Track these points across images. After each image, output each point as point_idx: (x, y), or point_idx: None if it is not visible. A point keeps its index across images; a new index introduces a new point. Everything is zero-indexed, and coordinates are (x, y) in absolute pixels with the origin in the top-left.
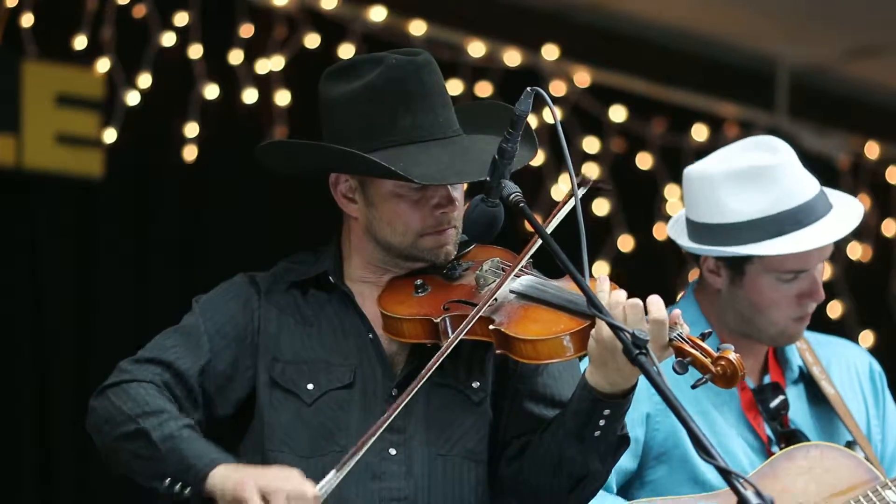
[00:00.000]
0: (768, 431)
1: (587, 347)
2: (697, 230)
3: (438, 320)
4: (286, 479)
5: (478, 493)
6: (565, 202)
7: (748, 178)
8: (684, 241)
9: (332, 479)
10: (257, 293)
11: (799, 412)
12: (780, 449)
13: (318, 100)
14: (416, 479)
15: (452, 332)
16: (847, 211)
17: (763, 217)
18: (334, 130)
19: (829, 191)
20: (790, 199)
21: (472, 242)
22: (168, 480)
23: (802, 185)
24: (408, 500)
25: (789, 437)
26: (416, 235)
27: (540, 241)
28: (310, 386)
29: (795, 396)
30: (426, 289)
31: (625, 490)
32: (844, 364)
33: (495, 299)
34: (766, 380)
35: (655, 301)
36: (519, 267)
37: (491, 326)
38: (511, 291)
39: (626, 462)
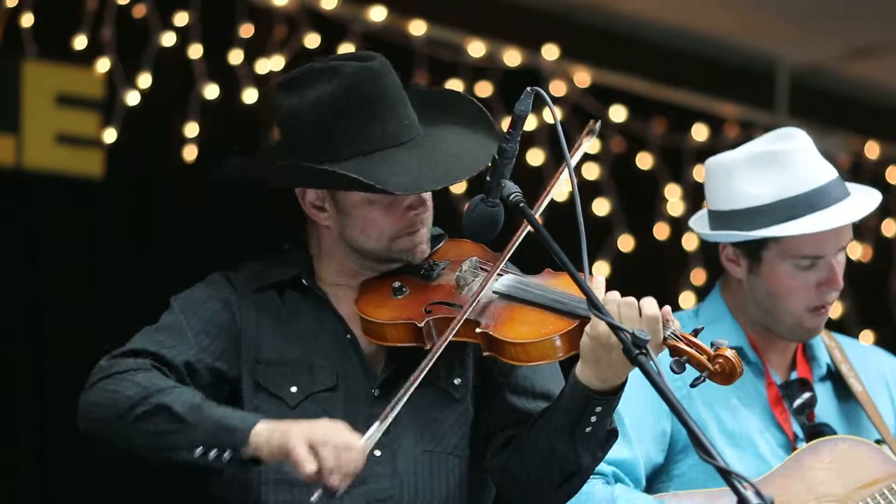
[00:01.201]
0: (795, 427)
1: (578, 346)
2: (716, 219)
3: (422, 324)
4: (332, 430)
5: (462, 489)
6: (552, 187)
7: (762, 163)
8: (704, 230)
9: (376, 430)
10: (234, 293)
11: (827, 409)
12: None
13: (272, 112)
14: (402, 477)
15: (437, 335)
16: (863, 198)
17: (777, 201)
18: (295, 143)
19: (850, 184)
20: (804, 184)
21: (443, 237)
22: (200, 448)
23: (816, 171)
24: (393, 499)
25: (816, 432)
26: (389, 239)
27: (519, 240)
28: (293, 389)
29: (823, 394)
30: (404, 291)
31: (651, 483)
32: (872, 367)
33: (478, 300)
34: (794, 376)
35: (647, 300)
36: (500, 268)
37: (478, 330)
38: (494, 292)
39: (654, 455)
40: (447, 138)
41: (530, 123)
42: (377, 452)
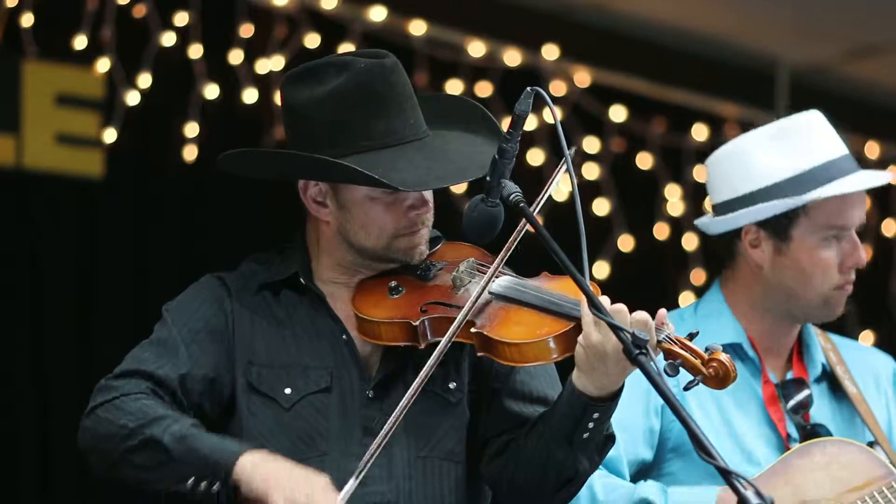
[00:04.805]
0: (789, 428)
1: (572, 348)
2: (731, 206)
3: (417, 323)
4: (311, 489)
5: (458, 494)
6: (549, 185)
7: (780, 137)
8: (723, 219)
9: (351, 486)
10: (228, 295)
11: (821, 410)
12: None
13: (282, 105)
14: (398, 481)
15: (431, 335)
16: (875, 171)
17: (815, 166)
18: (302, 136)
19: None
20: (829, 151)
21: (441, 240)
22: (192, 481)
23: (835, 141)
24: (390, 503)
25: (811, 433)
26: (390, 238)
27: (517, 241)
28: (287, 390)
29: (818, 394)
30: (400, 290)
31: (638, 481)
32: (868, 368)
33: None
34: (789, 376)
35: (638, 311)
36: (498, 269)
37: (472, 329)
38: (490, 293)
39: (642, 452)
40: (453, 141)
41: (530, 123)
42: None
